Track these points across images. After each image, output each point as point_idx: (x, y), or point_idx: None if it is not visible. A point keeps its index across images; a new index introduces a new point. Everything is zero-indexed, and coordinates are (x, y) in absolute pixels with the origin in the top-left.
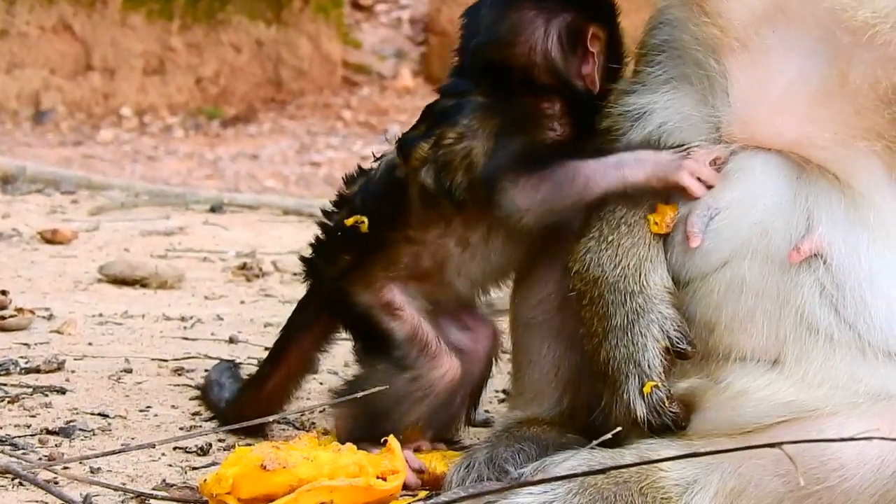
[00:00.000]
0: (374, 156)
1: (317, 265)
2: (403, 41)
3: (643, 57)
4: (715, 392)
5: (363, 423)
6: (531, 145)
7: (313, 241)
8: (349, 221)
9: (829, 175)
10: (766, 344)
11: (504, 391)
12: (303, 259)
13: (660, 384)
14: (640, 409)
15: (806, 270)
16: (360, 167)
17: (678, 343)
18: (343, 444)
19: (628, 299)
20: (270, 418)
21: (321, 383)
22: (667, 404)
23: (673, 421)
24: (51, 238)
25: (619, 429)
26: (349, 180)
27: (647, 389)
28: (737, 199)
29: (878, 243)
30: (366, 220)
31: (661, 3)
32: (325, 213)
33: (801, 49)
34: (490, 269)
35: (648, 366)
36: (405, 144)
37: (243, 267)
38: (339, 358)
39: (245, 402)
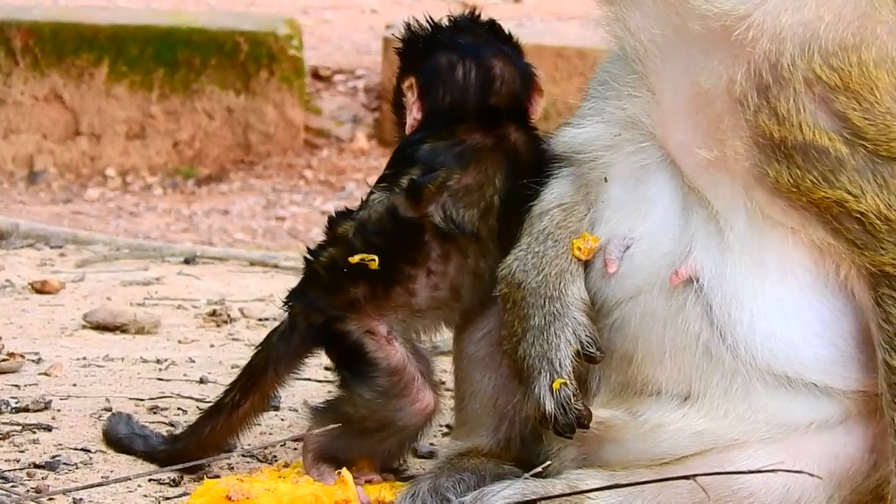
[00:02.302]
0: (361, 200)
1: (312, 298)
2: (359, 108)
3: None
4: (634, 425)
5: (340, 443)
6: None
7: (305, 277)
8: (354, 259)
9: (702, 197)
10: (678, 376)
11: (447, 426)
12: (293, 291)
13: (568, 382)
14: (549, 404)
15: (690, 293)
16: (338, 211)
17: (588, 347)
18: (311, 461)
19: (547, 303)
20: (234, 453)
21: (282, 419)
22: (573, 401)
23: (577, 418)
24: (40, 288)
25: (549, 463)
26: (334, 221)
27: (556, 386)
28: (648, 230)
29: (739, 263)
30: (375, 258)
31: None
32: (311, 251)
33: (678, 51)
34: (477, 299)
35: (560, 364)
36: (416, 187)
37: (213, 314)
38: (297, 396)
39: (214, 428)
